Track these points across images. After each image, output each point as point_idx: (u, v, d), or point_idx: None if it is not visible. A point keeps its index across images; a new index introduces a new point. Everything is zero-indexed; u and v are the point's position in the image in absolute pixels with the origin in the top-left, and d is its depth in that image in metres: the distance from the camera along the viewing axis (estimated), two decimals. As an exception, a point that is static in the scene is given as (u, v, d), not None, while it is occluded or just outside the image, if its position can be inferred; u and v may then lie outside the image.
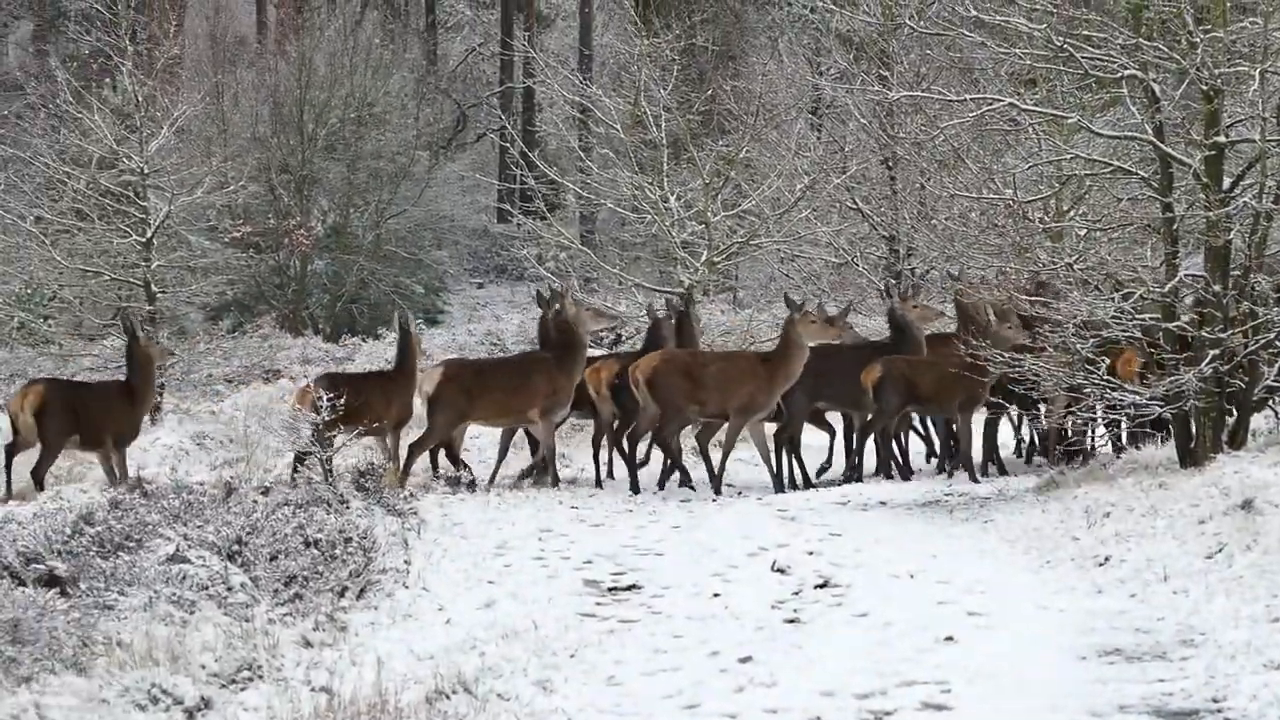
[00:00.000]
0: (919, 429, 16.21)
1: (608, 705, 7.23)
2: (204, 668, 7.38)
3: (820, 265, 21.66)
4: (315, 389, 13.94)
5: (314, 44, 32.66)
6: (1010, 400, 13.88)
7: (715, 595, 9.44)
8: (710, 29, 34.83)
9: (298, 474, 13.35)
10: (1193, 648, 7.67)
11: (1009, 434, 16.03)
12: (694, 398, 14.24)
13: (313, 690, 7.29)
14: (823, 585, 9.59)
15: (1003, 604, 8.88)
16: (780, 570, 10.06)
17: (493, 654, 8.00)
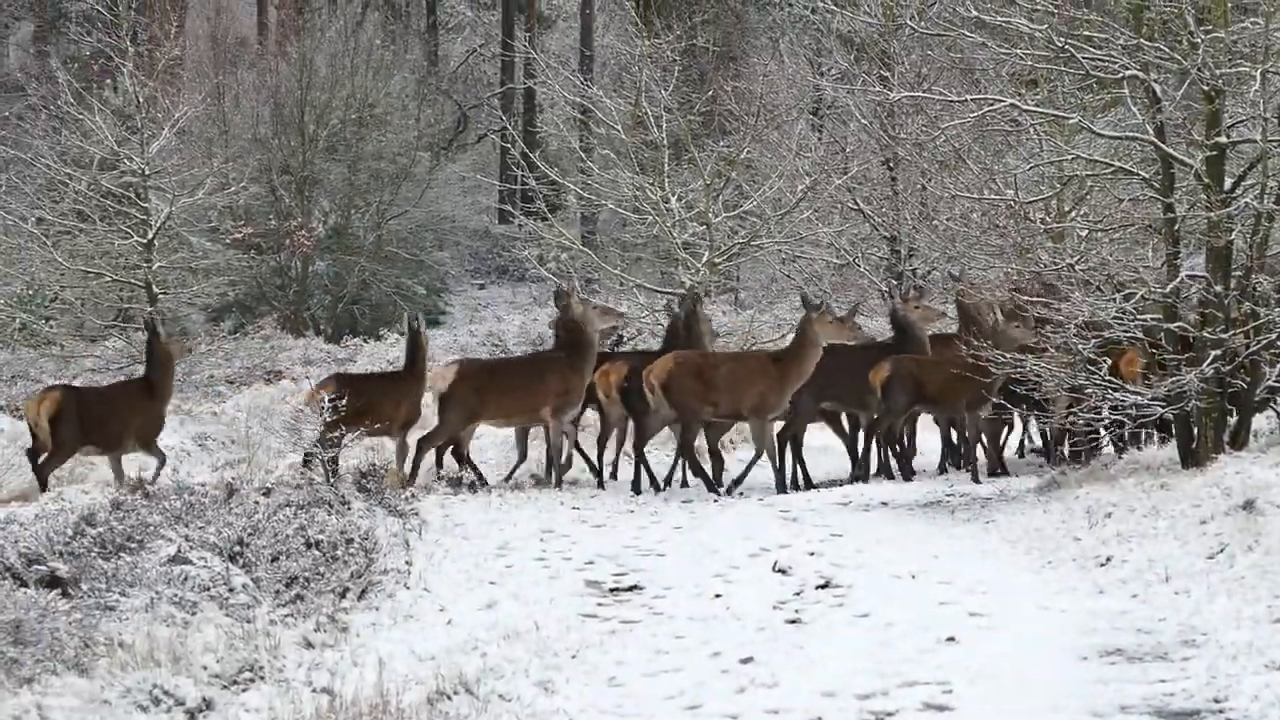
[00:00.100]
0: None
1: (609, 706, 7.22)
2: (205, 669, 7.38)
3: (821, 266, 21.66)
4: (324, 389, 14.01)
5: (315, 45, 32.65)
6: (1011, 401, 13.87)
7: (717, 596, 9.44)
8: (711, 30, 34.82)
9: (307, 472, 13.38)
10: (1194, 648, 7.67)
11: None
12: (706, 399, 14.25)
13: (314, 691, 7.29)
14: (824, 586, 9.59)
15: (1004, 604, 8.88)
16: (782, 571, 10.06)
17: (494, 655, 8.00)
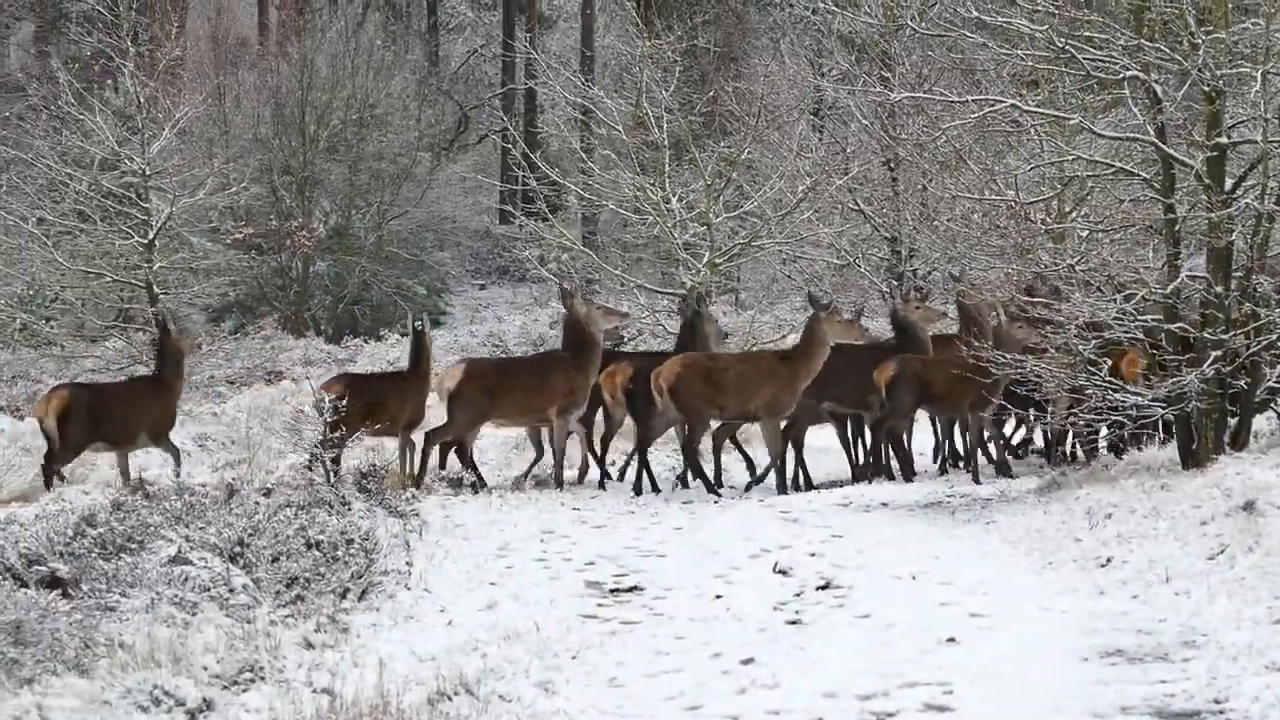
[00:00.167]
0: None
1: (610, 707, 7.22)
2: (206, 669, 7.37)
3: (822, 267, 21.63)
4: (330, 388, 14.12)
5: (316, 45, 32.66)
6: (1012, 401, 13.86)
7: (717, 597, 9.44)
8: (712, 30, 34.82)
9: (315, 470, 13.46)
10: (1195, 649, 7.67)
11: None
12: (714, 402, 14.22)
13: (314, 692, 7.29)
14: (825, 587, 9.59)
15: (1005, 605, 8.87)
16: (782, 572, 10.05)
17: (495, 655, 7.99)
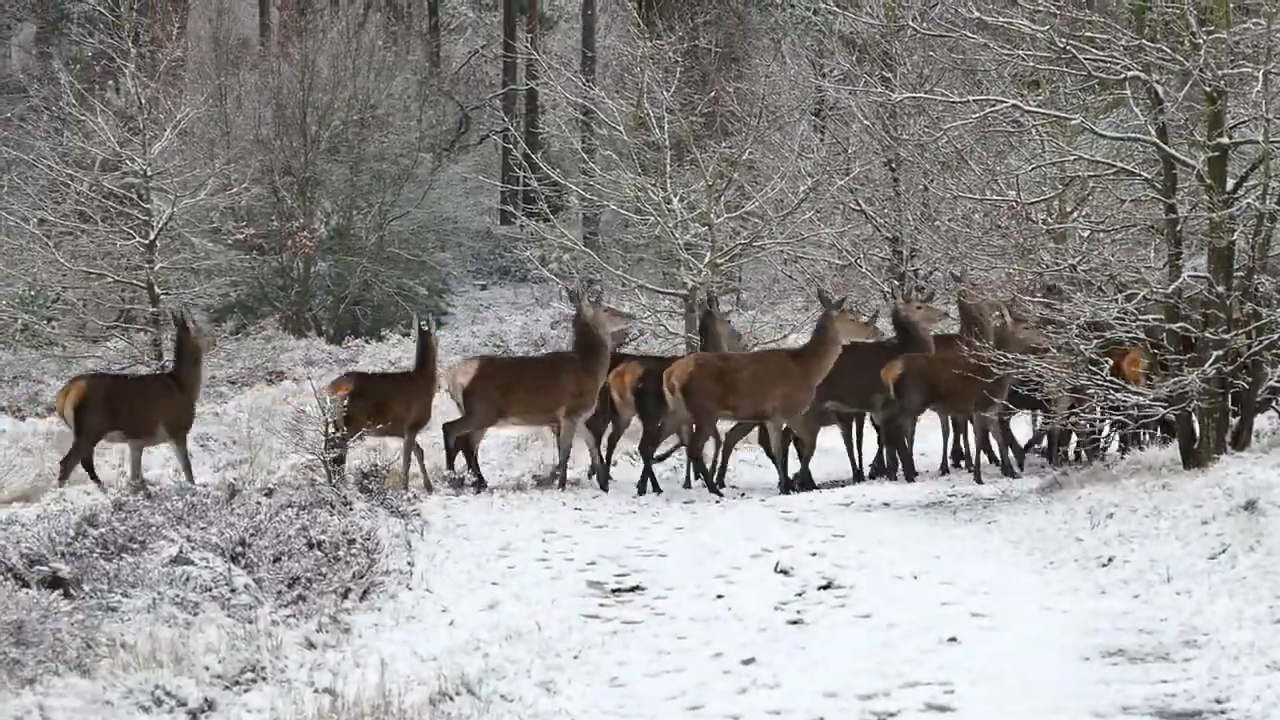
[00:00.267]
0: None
1: (611, 706, 7.23)
2: (207, 669, 7.37)
3: (824, 267, 21.61)
4: (340, 387, 14.26)
5: (317, 46, 32.65)
6: (1014, 401, 13.86)
7: (718, 597, 9.44)
8: (713, 31, 34.79)
9: (333, 470, 13.58)
10: (1196, 649, 7.67)
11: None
12: (725, 403, 14.27)
13: (316, 692, 7.29)
14: (826, 586, 9.59)
15: (1006, 605, 8.88)
16: (783, 571, 10.06)
17: (496, 655, 8.00)
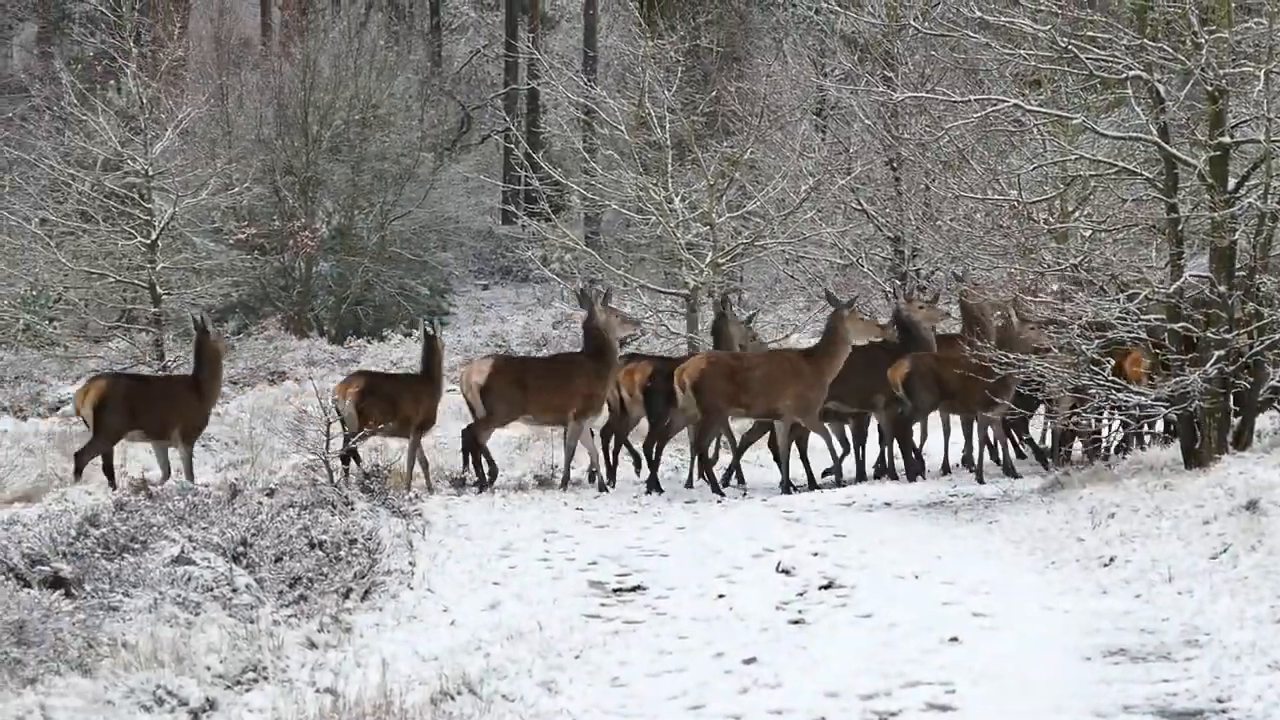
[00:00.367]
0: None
1: (612, 706, 7.23)
2: (209, 669, 7.37)
3: (825, 266, 21.61)
4: (351, 385, 14.38)
5: (318, 46, 32.66)
6: (1016, 401, 13.85)
7: (720, 596, 9.44)
8: (715, 30, 34.79)
9: (346, 469, 13.67)
10: (1197, 648, 7.67)
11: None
12: (736, 401, 14.33)
13: (317, 691, 7.29)
14: (827, 586, 9.59)
15: (1007, 605, 8.88)
16: (785, 571, 10.06)
17: (497, 655, 8.00)
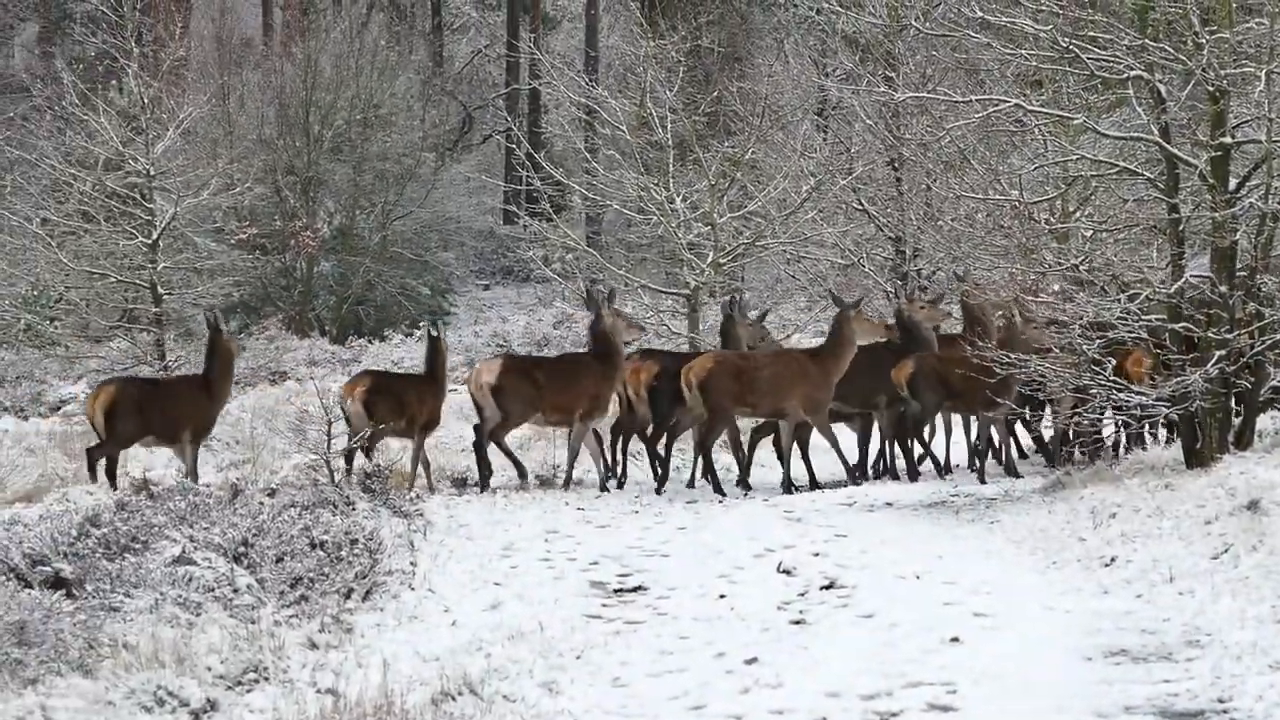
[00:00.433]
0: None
1: (613, 706, 7.23)
2: (210, 669, 7.38)
3: (826, 266, 21.63)
4: (359, 384, 14.43)
5: (320, 46, 32.66)
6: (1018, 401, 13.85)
7: (721, 596, 9.44)
8: (716, 30, 34.80)
9: (350, 469, 13.65)
10: (1199, 648, 7.66)
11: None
12: (743, 401, 14.37)
13: (319, 692, 7.29)
14: (828, 586, 9.59)
15: (1009, 605, 8.87)
16: (786, 571, 10.06)
17: (499, 655, 8.00)
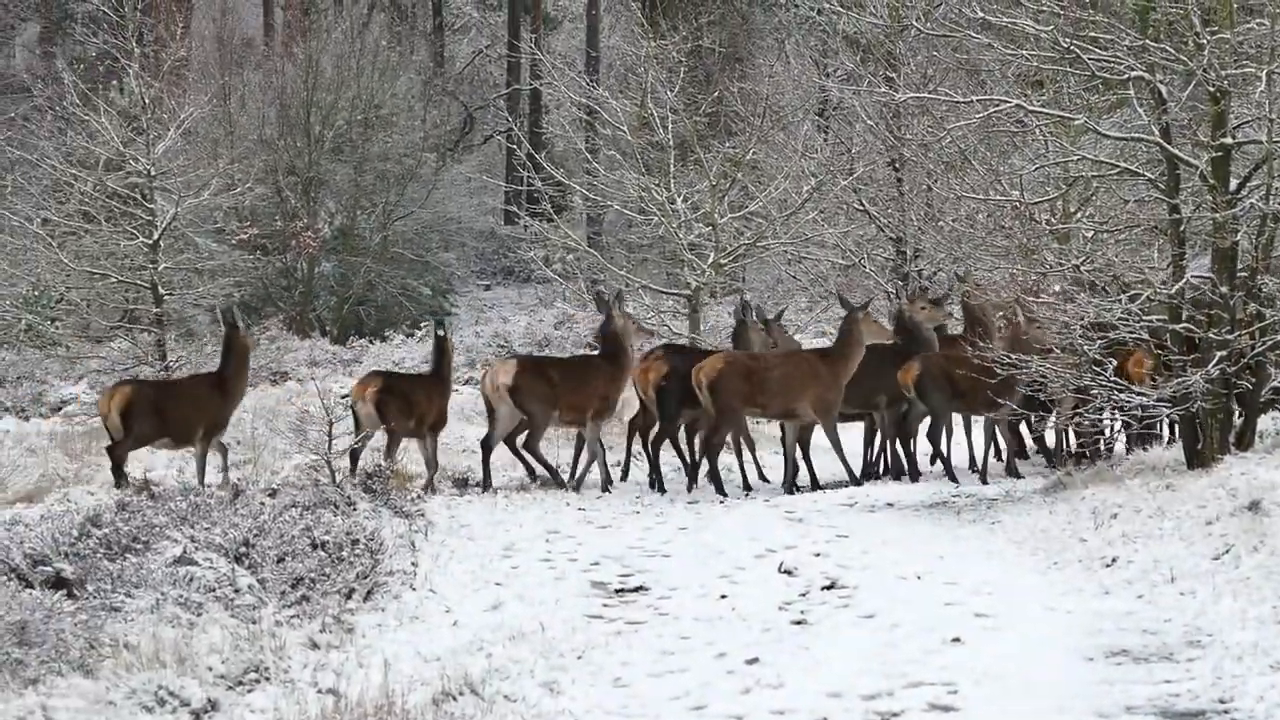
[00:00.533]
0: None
1: (615, 707, 7.23)
2: (211, 669, 7.38)
3: (827, 267, 21.64)
4: (369, 384, 14.46)
5: (321, 46, 32.66)
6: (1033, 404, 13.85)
7: (722, 597, 9.45)
8: (717, 31, 34.81)
9: (355, 470, 13.64)
10: (1199, 649, 7.67)
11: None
12: (753, 401, 14.42)
13: (320, 692, 7.29)
14: (830, 587, 9.60)
15: (1010, 605, 8.88)
16: (787, 572, 10.07)
17: (500, 655, 8.00)
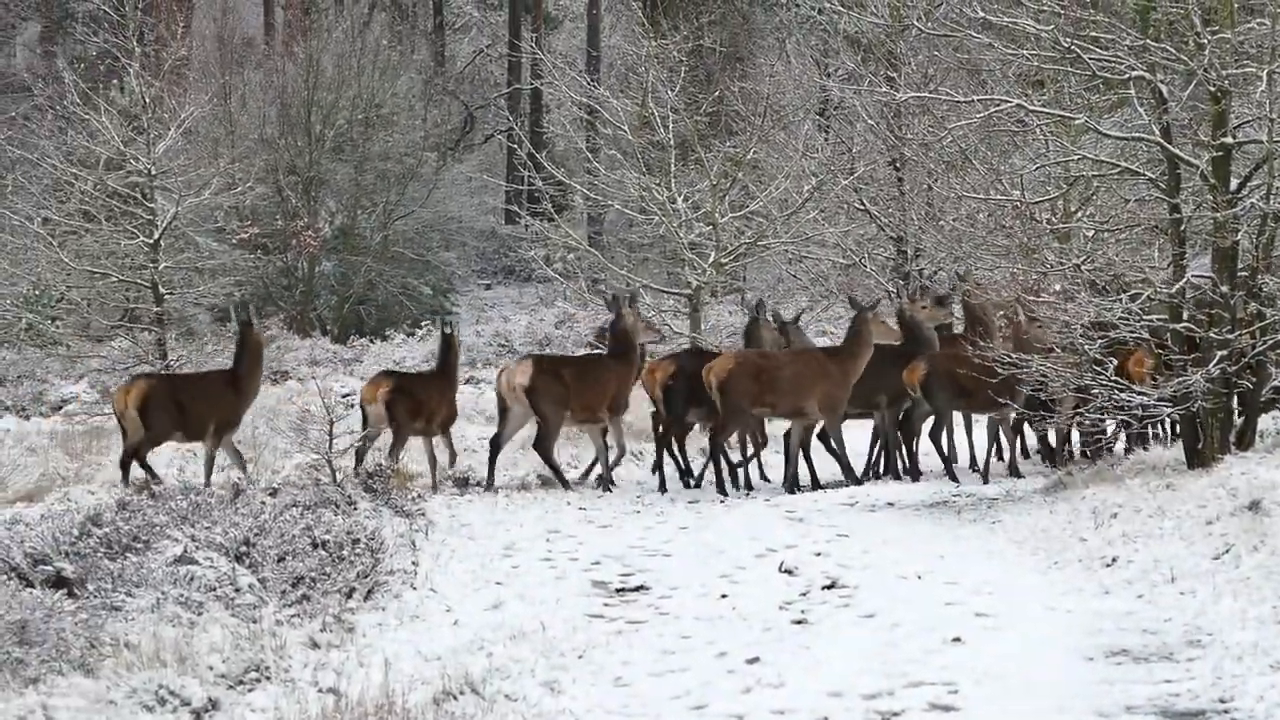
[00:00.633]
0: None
1: (615, 706, 7.23)
2: (211, 669, 7.38)
3: (828, 266, 21.66)
4: (380, 384, 14.55)
5: (321, 45, 32.67)
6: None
7: (723, 596, 9.45)
8: (718, 30, 34.83)
9: (359, 469, 13.67)
10: (1200, 649, 7.67)
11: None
12: (762, 400, 14.45)
13: (320, 691, 7.29)
14: (830, 586, 9.60)
15: (1010, 605, 8.88)
16: (788, 571, 10.07)
17: (500, 655, 8.00)
